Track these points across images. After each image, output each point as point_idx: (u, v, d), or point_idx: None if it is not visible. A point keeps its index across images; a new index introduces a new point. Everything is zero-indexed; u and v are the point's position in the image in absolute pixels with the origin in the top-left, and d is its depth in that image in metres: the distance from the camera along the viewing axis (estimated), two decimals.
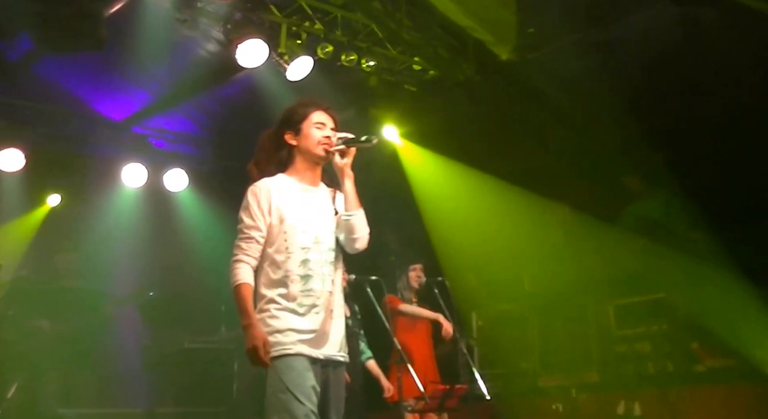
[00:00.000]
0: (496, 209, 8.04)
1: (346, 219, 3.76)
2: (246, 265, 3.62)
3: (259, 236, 3.66)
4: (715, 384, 6.46)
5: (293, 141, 3.82)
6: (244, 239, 3.66)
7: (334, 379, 3.69)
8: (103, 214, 9.13)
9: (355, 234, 3.76)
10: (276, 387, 3.48)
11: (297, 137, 3.81)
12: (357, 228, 3.75)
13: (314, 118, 3.82)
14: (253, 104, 7.92)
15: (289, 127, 3.83)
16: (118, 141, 9.01)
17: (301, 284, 3.61)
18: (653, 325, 7.00)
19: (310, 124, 3.80)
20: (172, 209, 9.47)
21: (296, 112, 3.84)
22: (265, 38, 6.87)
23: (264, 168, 3.82)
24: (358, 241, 3.78)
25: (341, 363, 3.73)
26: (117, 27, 6.68)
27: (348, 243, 3.79)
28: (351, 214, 3.76)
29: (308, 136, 3.79)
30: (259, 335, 3.47)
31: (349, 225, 3.75)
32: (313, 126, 3.80)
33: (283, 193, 3.73)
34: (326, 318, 3.65)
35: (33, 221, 9.06)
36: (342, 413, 3.73)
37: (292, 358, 3.51)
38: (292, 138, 3.82)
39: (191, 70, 8.21)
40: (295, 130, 3.81)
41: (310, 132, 3.79)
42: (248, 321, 3.51)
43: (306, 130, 3.80)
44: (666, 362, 6.90)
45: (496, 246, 8.07)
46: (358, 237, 3.77)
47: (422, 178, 8.50)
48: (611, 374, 7.20)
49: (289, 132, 3.82)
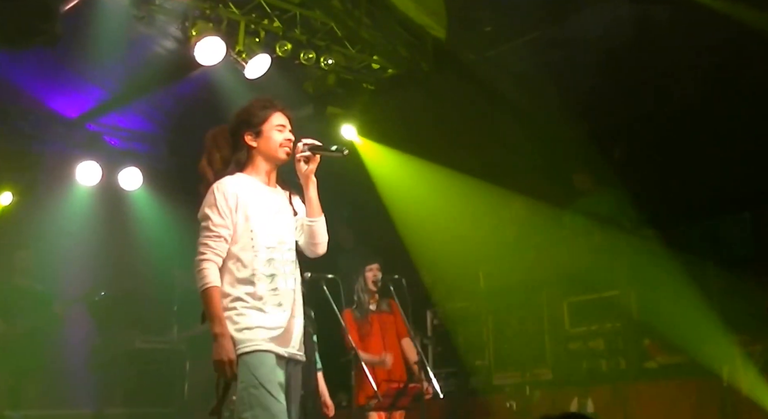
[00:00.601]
0: (452, 206, 8.10)
1: (309, 224, 3.81)
2: (214, 265, 3.60)
3: (228, 235, 3.65)
4: (666, 380, 6.56)
5: (253, 142, 3.80)
6: (212, 237, 3.63)
7: (294, 377, 3.72)
8: (57, 212, 8.98)
9: (316, 239, 3.83)
10: (248, 382, 3.47)
11: (257, 139, 3.80)
12: (318, 234, 3.83)
13: (274, 120, 3.82)
14: (209, 102, 7.88)
15: (248, 128, 3.80)
16: (71, 138, 8.88)
17: (267, 282, 3.62)
18: (606, 322, 7.10)
19: (271, 127, 3.80)
20: (127, 208, 9.34)
21: (255, 114, 3.82)
22: (223, 36, 6.84)
23: (219, 167, 3.79)
24: (319, 247, 3.86)
25: (300, 362, 3.76)
26: (72, 23, 6.62)
27: (308, 247, 3.85)
28: (314, 220, 3.81)
29: (269, 139, 3.79)
30: (230, 348, 3.48)
31: (312, 231, 3.81)
32: (275, 129, 3.80)
33: (247, 192, 3.72)
34: (290, 316, 3.67)
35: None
36: (299, 409, 3.77)
37: (263, 354, 3.53)
38: (253, 139, 3.80)
39: (147, 67, 8.11)
40: (255, 131, 3.80)
41: (271, 135, 3.79)
42: (220, 330, 3.50)
43: (267, 132, 3.80)
44: (618, 359, 7.00)
45: (451, 244, 8.11)
46: (319, 243, 3.85)
47: (382, 174, 8.51)
48: (565, 371, 7.27)
49: (249, 133, 3.80)
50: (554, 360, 7.36)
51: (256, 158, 3.82)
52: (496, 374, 7.64)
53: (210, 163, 3.82)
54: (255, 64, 7.13)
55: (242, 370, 3.50)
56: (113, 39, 7.17)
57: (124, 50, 7.56)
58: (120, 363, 8.45)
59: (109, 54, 7.46)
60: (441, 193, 8.20)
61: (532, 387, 7.22)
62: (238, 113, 3.89)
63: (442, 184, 8.18)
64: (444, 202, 8.19)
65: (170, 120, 9.32)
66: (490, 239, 8.13)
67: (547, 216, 7.74)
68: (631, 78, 7.16)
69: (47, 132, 8.77)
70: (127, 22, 6.97)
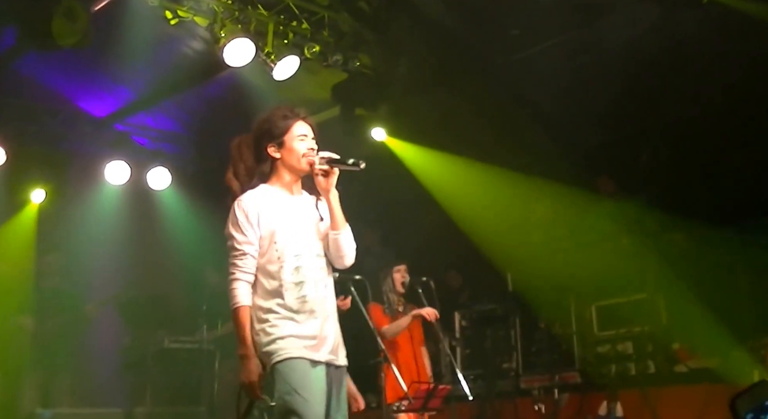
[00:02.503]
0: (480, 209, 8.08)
1: (333, 238, 3.76)
2: (244, 284, 3.64)
3: (254, 250, 3.66)
4: (696, 384, 6.51)
5: (276, 154, 3.78)
6: (238, 256, 3.65)
7: (336, 381, 3.70)
8: (86, 212, 9.07)
9: (342, 252, 3.77)
10: (282, 389, 3.49)
11: (280, 150, 3.78)
12: (344, 246, 3.77)
13: (296, 130, 3.79)
14: (236, 104, 7.90)
15: (270, 140, 3.78)
16: (100, 138, 8.94)
17: (296, 291, 3.62)
18: (635, 326, 7.06)
19: (293, 137, 3.77)
20: (155, 207, 9.39)
21: (276, 125, 3.79)
22: (251, 37, 6.86)
23: (244, 180, 3.80)
24: (345, 258, 3.80)
25: (341, 366, 3.74)
26: (102, 24, 6.66)
27: (336, 260, 3.81)
28: (338, 233, 3.76)
29: (292, 150, 3.76)
30: (255, 370, 3.53)
31: (337, 243, 3.76)
32: (297, 139, 3.77)
33: (270, 204, 3.72)
34: (323, 322, 3.67)
35: (27, 221, 8.96)
36: (346, 415, 3.74)
37: (295, 361, 3.53)
38: (276, 151, 3.78)
39: (175, 68, 8.17)
40: (277, 142, 3.77)
41: (294, 145, 3.76)
42: (245, 352, 3.57)
43: (289, 142, 3.77)
44: (647, 362, 6.96)
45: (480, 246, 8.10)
46: (345, 255, 3.79)
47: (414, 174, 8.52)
48: (593, 374, 7.24)
49: (272, 145, 3.78)
50: (582, 364, 7.32)
51: (280, 169, 3.81)
52: (523, 377, 7.61)
53: (236, 174, 3.83)
54: (283, 65, 7.13)
55: (277, 379, 3.52)
56: (142, 40, 7.21)
57: (153, 51, 7.60)
58: (149, 362, 8.49)
59: (138, 55, 7.50)
60: (468, 195, 8.18)
61: (560, 390, 7.19)
62: (259, 123, 3.86)
63: (469, 186, 8.16)
64: (471, 205, 8.18)
65: (198, 121, 9.37)
66: (519, 241, 8.10)
67: (575, 220, 7.70)
68: (659, 82, 7.12)
69: (76, 131, 8.83)
70: (156, 22, 7.00)
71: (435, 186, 8.44)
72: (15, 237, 8.86)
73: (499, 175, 8.01)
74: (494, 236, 8.13)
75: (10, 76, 7.99)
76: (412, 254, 7.12)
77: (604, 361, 7.21)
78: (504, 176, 7.97)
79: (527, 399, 7.43)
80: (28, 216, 8.99)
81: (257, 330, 3.61)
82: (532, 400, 7.32)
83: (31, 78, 8.23)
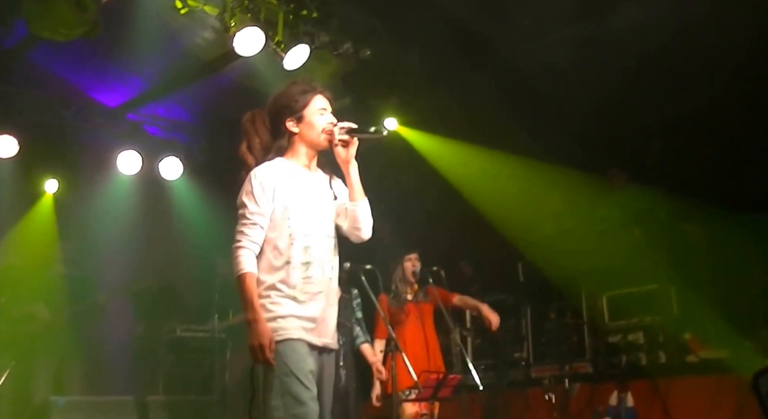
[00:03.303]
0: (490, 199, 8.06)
1: (351, 209, 3.73)
2: (250, 252, 3.57)
3: (264, 222, 3.60)
4: (708, 376, 6.48)
5: (295, 128, 3.73)
6: (248, 225, 3.59)
7: (328, 365, 3.70)
8: (98, 201, 9.09)
9: (359, 223, 3.73)
10: (280, 369, 3.46)
11: (299, 125, 3.73)
12: (361, 218, 3.73)
13: (315, 104, 3.74)
14: (247, 93, 7.90)
15: (290, 114, 3.72)
16: (112, 128, 8.95)
17: (302, 270, 3.58)
18: (646, 316, 7.03)
19: (312, 111, 3.72)
20: (166, 197, 9.42)
21: (296, 99, 3.73)
22: (261, 26, 6.84)
23: (259, 154, 3.73)
24: (362, 231, 3.75)
25: (332, 351, 3.73)
26: (113, 13, 6.67)
27: (352, 232, 3.77)
28: (356, 204, 3.73)
29: (311, 124, 3.71)
30: (265, 332, 3.44)
31: (354, 215, 3.73)
32: (316, 113, 3.73)
33: (286, 178, 3.67)
34: (325, 305, 3.64)
35: (45, 211, 9.01)
36: (332, 398, 3.74)
37: (295, 342, 3.50)
38: (294, 125, 3.73)
39: (186, 57, 8.17)
40: (296, 117, 3.72)
41: (313, 119, 3.71)
42: (254, 315, 3.47)
43: (309, 117, 3.71)
44: (659, 353, 6.93)
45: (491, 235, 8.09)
46: (362, 227, 3.74)
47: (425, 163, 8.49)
48: (604, 364, 7.23)
49: (291, 119, 3.72)
50: (593, 354, 7.30)
51: (298, 144, 3.75)
52: (534, 367, 7.60)
53: (250, 148, 3.75)
54: (293, 55, 7.12)
55: (274, 358, 3.47)
56: (153, 29, 7.21)
57: (164, 41, 7.60)
58: (161, 351, 8.55)
59: (149, 44, 7.50)
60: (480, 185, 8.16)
61: (570, 380, 7.17)
62: (276, 97, 3.80)
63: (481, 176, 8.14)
64: (483, 195, 8.15)
65: (209, 111, 9.36)
66: (530, 231, 8.08)
67: (587, 210, 7.67)
68: (672, 71, 7.06)
69: (88, 121, 8.84)
70: (166, 12, 7.00)
71: (447, 175, 8.42)
72: (35, 227, 8.91)
73: (511, 164, 7.98)
74: (506, 226, 8.11)
75: (22, 67, 8.02)
76: (423, 244, 7.10)
77: (615, 351, 7.18)
78: (516, 166, 7.95)
79: (538, 389, 7.42)
80: (45, 206, 9.04)
81: None
82: (542, 390, 7.32)
83: (42, 69, 8.25)
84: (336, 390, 4.12)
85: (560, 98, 7.71)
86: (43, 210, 9.04)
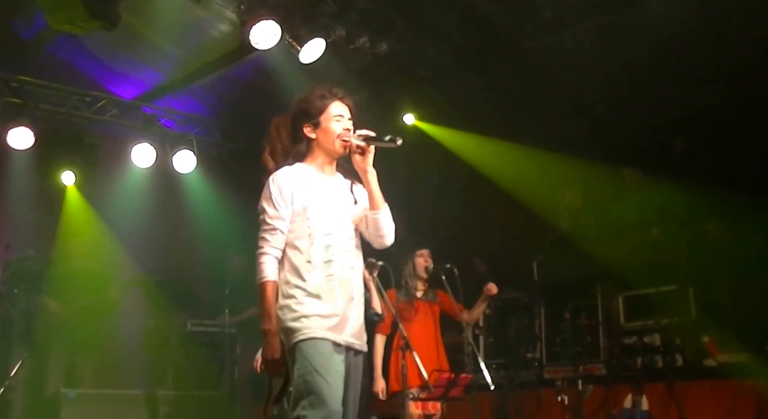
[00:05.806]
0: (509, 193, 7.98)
1: (372, 217, 3.77)
2: (272, 258, 3.64)
3: (284, 226, 3.67)
4: (726, 379, 6.36)
5: (312, 134, 3.79)
6: (268, 231, 3.67)
7: (354, 366, 3.71)
8: (113, 194, 9.12)
9: (381, 231, 3.79)
10: (304, 369, 3.48)
11: (316, 130, 3.79)
12: (383, 226, 3.78)
13: (332, 110, 3.80)
14: (263, 87, 7.87)
15: (307, 119, 3.79)
16: (128, 120, 8.94)
17: (324, 269, 3.62)
18: (663, 318, 6.90)
19: (329, 117, 3.78)
20: (180, 191, 9.40)
21: (313, 105, 3.80)
22: (278, 20, 6.81)
23: (280, 159, 3.82)
24: (385, 238, 3.82)
25: (360, 352, 3.74)
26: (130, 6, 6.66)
27: (375, 240, 3.83)
28: (377, 212, 3.76)
29: (327, 130, 3.77)
30: (278, 347, 3.56)
31: (376, 223, 3.77)
32: (333, 119, 3.78)
33: (305, 181, 3.73)
34: (347, 303, 3.65)
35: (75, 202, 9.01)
36: (358, 401, 3.75)
37: (319, 341, 3.52)
38: (312, 131, 3.80)
39: (203, 50, 8.16)
40: (313, 123, 3.79)
41: (330, 125, 3.77)
42: (269, 327, 3.57)
43: (325, 123, 3.78)
44: (675, 355, 6.80)
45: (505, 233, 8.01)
46: (385, 235, 3.81)
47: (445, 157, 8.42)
48: (618, 366, 7.12)
49: (308, 125, 3.79)
50: (608, 355, 7.19)
51: (316, 150, 3.82)
52: (547, 367, 7.50)
53: (272, 154, 3.86)
54: (310, 48, 7.09)
55: (298, 358, 3.50)
56: (170, 22, 7.20)
57: (181, 33, 7.59)
58: (172, 345, 8.56)
59: (166, 37, 7.49)
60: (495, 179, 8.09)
61: (584, 381, 7.07)
62: (297, 103, 3.87)
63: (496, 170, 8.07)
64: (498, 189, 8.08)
65: (224, 104, 9.34)
66: (545, 230, 7.99)
67: (603, 208, 7.57)
68: (694, 68, 6.95)
69: (104, 114, 8.83)
70: (183, 5, 6.99)
71: (463, 169, 8.35)
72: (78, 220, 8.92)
73: (530, 158, 7.90)
74: (521, 223, 8.03)
75: (39, 59, 8.04)
76: (436, 241, 7.04)
77: (631, 353, 7.04)
78: (534, 159, 7.86)
79: (550, 389, 7.31)
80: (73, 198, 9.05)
81: (281, 305, 3.60)
82: (555, 391, 7.20)
83: (60, 61, 8.27)
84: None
85: (581, 91, 7.62)
86: (74, 201, 9.03)
